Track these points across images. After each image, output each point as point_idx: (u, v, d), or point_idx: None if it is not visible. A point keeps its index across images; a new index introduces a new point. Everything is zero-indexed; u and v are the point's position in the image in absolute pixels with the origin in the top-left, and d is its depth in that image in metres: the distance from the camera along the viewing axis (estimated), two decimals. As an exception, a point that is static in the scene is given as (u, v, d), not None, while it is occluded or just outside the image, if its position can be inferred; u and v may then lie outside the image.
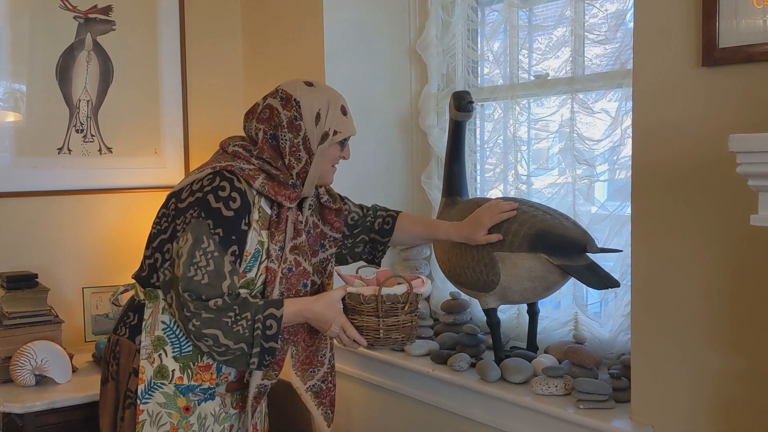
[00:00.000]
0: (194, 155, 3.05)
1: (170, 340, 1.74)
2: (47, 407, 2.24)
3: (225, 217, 1.66)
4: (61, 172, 2.77)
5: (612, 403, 1.87)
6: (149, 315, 1.75)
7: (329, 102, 1.78)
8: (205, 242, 1.64)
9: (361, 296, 1.73)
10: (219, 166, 1.72)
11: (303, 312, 1.72)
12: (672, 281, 1.68)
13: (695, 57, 1.60)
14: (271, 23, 2.94)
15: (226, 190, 1.68)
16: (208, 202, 1.66)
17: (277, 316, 1.66)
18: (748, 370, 1.56)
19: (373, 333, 1.74)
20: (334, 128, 1.77)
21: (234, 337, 1.63)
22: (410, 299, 1.75)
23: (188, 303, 1.62)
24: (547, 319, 2.27)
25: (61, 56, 2.76)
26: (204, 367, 1.75)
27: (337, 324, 1.73)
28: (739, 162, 1.18)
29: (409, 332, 1.77)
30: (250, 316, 1.63)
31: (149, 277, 1.77)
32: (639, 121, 1.73)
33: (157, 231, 1.76)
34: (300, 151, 1.75)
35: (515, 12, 2.38)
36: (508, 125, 2.39)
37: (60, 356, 2.38)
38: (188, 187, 1.72)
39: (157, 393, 1.73)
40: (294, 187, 1.76)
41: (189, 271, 1.62)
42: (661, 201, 1.69)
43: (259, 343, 1.64)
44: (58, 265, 2.75)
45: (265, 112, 1.79)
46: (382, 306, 1.72)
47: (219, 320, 1.62)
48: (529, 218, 1.97)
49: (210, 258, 1.63)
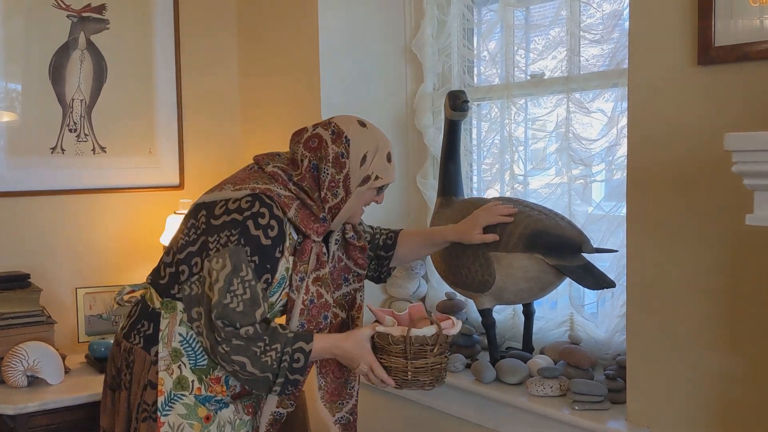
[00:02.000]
0: (189, 155, 3.04)
1: (186, 352, 1.73)
2: (39, 408, 2.23)
3: (263, 245, 1.66)
4: (54, 171, 2.75)
5: (607, 404, 1.86)
6: (165, 326, 1.74)
7: (378, 146, 1.78)
8: (243, 270, 1.64)
9: (390, 337, 1.71)
10: (258, 188, 1.70)
11: (332, 349, 1.72)
12: (668, 281, 1.67)
13: (691, 56, 1.59)
14: (267, 22, 2.93)
15: (266, 218, 1.67)
16: (247, 228, 1.66)
17: (305, 350, 1.66)
18: (745, 370, 1.55)
19: (401, 374, 1.72)
20: (377, 173, 1.77)
21: (260, 367, 1.64)
22: (440, 341, 1.72)
23: (220, 330, 1.62)
24: (543, 320, 2.26)
25: (54, 55, 2.74)
26: (215, 380, 1.75)
27: (365, 363, 1.73)
28: (735, 161, 1.17)
29: (437, 374, 1.75)
30: (280, 348, 1.64)
31: (169, 287, 1.75)
32: (634, 121, 1.72)
33: (185, 242, 1.73)
34: (338, 188, 1.75)
35: (511, 11, 2.37)
36: (505, 125, 2.39)
37: (52, 357, 2.37)
38: (223, 204, 1.69)
39: (177, 404, 1.72)
40: (323, 221, 1.76)
41: (225, 298, 1.62)
42: (657, 201, 1.68)
43: (285, 374, 1.65)
44: (50, 266, 2.73)
45: (314, 141, 1.77)
46: (411, 348, 1.70)
47: (248, 348, 1.62)
48: (525, 218, 1.96)
49: (247, 286, 1.64)
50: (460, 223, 2.01)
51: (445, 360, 1.76)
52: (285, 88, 2.81)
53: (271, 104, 2.93)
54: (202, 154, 3.06)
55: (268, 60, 2.92)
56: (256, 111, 3.03)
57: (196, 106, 3.04)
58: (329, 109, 2.61)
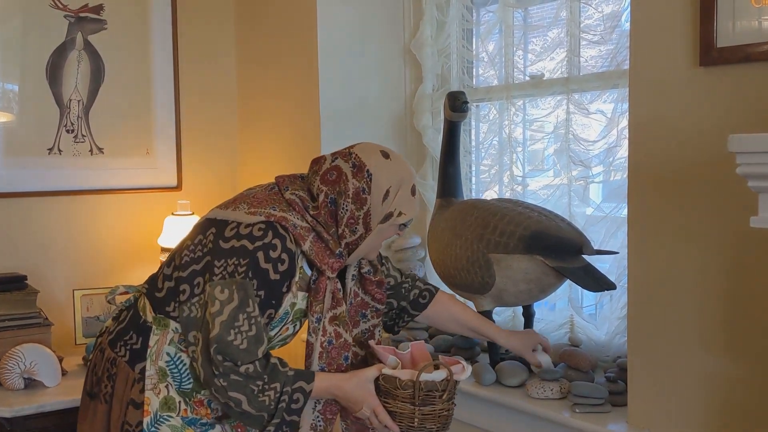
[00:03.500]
0: (187, 156, 3.02)
1: (172, 373, 1.64)
2: (36, 411, 2.21)
3: (271, 280, 1.57)
4: (51, 172, 2.74)
5: (608, 407, 1.85)
6: (155, 343, 1.65)
7: (402, 181, 1.65)
8: (250, 306, 1.55)
9: (398, 380, 1.60)
10: (274, 216, 1.60)
11: (332, 389, 1.62)
12: (669, 283, 1.66)
13: (693, 56, 1.58)
14: (265, 24, 2.92)
15: (277, 250, 1.57)
16: (257, 260, 1.56)
17: (306, 390, 1.57)
18: (747, 373, 1.54)
19: (407, 420, 1.62)
20: (400, 209, 1.65)
21: (257, 406, 1.55)
22: (449, 387, 1.62)
23: (219, 364, 1.54)
24: (543, 322, 2.25)
25: (51, 56, 2.73)
26: (198, 402, 1.66)
27: (368, 407, 1.62)
28: (739, 162, 1.16)
29: (445, 421, 1.65)
30: (279, 387, 1.55)
31: (165, 304, 1.65)
32: (636, 121, 1.71)
33: (189, 258, 1.63)
34: (358, 225, 1.63)
35: (510, 12, 2.36)
36: (504, 126, 2.38)
37: (49, 359, 2.36)
38: (234, 226, 1.59)
39: (163, 426, 1.63)
40: (339, 257, 1.64)
41: (228, 335, 1.53)
42: (658, 202, 1.68)
43: (281, 415, 1.56)
44: (47, 267, 2.72)
45: (332, 173, 1.64)
46: (420, 393, 1.60)
47: (246, 386, 1.54)
48: (525, 219, 1.95)
49: (253, 323, 1.55)
50: (515, 333, 1.94)
51: (452, 406, 1.67)
52: (284, 89, 2.80)
53: (269, 107, 2.92)
54: (200, 155, 3.04)
55: (267, 62, 2.91)
56: (255, 113, 3.02)
57: (193, 107, 3.03)
58: (328, 111, 2.61)
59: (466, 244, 2.03)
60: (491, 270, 1.97)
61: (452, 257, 2.08)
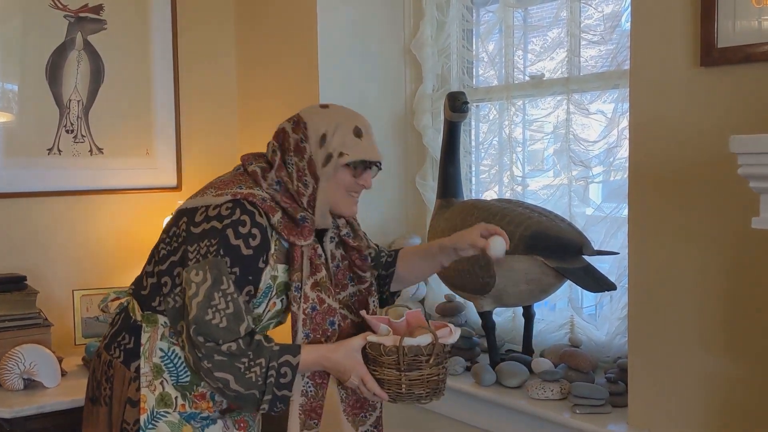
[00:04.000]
0: (187, 156, 3.02)
1: (168, 368, 1.64)
2: (36, 412, 2.20)
3: (244, 255, 1.56)
4: (51, 173, 2.73)
5: (609, 408, 1.85)
6: (147, 340, 1.65)
7: (339, 124, 1.64)
8: (224, 283, 1.55)
9: (382, 347, 1.58)
10: (240, 193, 1.60)
11: (321, 361, 1.61)
12: (670, 284, 1.66)
13: (693, 57, 1.58)
14: (265, 24, 2.91)
15: (247, 226, 1.57)
16: (227, 238, 1.56)
17: (292, 364, 1.56)
18: (747, 374, 1.54)
19: (395, 387, 1.60)
20: (340, 150, 1.63)
21: (245, 384, 1.55)
22: (435, 351, 1.59)
23: (200, 346, 1.54)
24: (543, 322, 2.25)
25: (51, 56, 2.72)
26: (199, 396, 1.66)
27: (356, 375, 1.60)
28: (741, 163, 1.16)
29: (435, 387, 1.62)
30: (264, 363, 1.55)
31: (150, 300, 1.67)
32: (636, 122, 1.71)
33: (167, 251, 1.65)
34: (306, 176, 1.64)
35: (510, 12, 2.36)
36: (504, 126, 2.38)
37: (49, 360, 2.35)
38: (203, 211, 1.60)
39: (161, 423, 1.63)
40: (303, 222, 1.63)
41: (206, 314, 1.53)
42: (658, 202, 1.67)
43: (272, 390, 1.55)
44: (47, 268, 2.71)
45: (279, 136, 1.69)
46: (404, 359, 1.57)
47: (232, 365, 1.54)
48: (525, 220, 1.95)
49: (229, 300, 1.55)
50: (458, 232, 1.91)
51: (443, 371, 1.63)
52: (283, 90, 2.79)
53: (269, 107, 2.91)
54: (200, 155, 3.04)
55: (267, 61, 2.90)
56: (255, 113, 3.02)
57: (193, 107, 3.02)
58: (328, 110, 2.60)
59: (467, 245, 2.03)
60: (491, 270, 1.97)
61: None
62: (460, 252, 1.74)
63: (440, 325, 1.66)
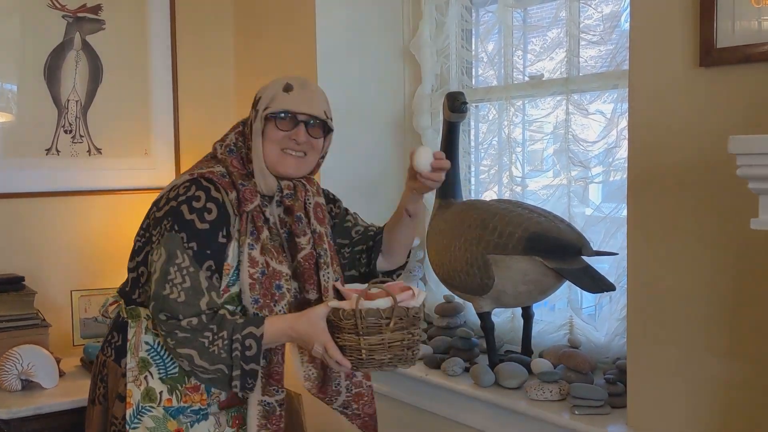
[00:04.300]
0: (185, 156, 3.01)
1: (155, 361, 1.64)
2: (33, 413, 2.20)
3: (199, 230, 1.56)
4: (49, 173, 2.73)
5: (608, 409, 1.84)
6: (132, 335, 1.67)
7: (274, 82, 1.67)
8: (179, 257, 1.54)
9: (341, 311, 1.53)
10: (198, 172, 1.63)
11: (287, 330, 1.58)
12: (668, 284, 1.65)
13: (693, 57, 1.58)
14: (264, 23, 2.91)
15: (201, 201, 1.58)
16: (181, 213, 1.57)
17: (256, 335, 1.53)
18: (747, 375, 1.54)
19: (356, 354, 1.54)
20: (265, 104, 1.64)
21: (209, 358, 1.53)
22: (395, 314, 1.52)
23: (162, 323, 1.54)
24: (542, 323, 2.25)
25: (49, 56, 2.72)
26: (192, 388, 1.65)
27: (319, 344, 1.55)
28: (740, 164, 1.16)
29: (399, 353, 1.54)
30: (227, 335, 1.52)
31: (131, 293, 1.69)
32: (635, 122, 1.71)
33: (142, 243, 1.68)
34: (249, 139, 1.69)
35: (509, 12, 2.35)
36: (503, 126, 2.37)
37: (47, 360, 2.35)
38: (165, 194, 1.63)
39: (146, 417, 1.63)
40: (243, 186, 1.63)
41: (164, 289, 1.54)
42: (658, 203, 1.67)
43: (239, 365, 1.53)
44: (45, 268, 2.71)
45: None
46: (363, 322, 1.51)
47: (195, 340, 1.53)
48: (524, 221, 1.94)
49: (186, 274, 1.54)
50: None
51: (408, 337, 1.55)
52: (282, 89, 2.79)
53: (268, 105, 2.91)
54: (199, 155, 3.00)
55: (266, 61, 2.90)
56: (253, 112, 3.01)
57: (192, 107, 3.02)
58: (327, 111, 2.60)
59: (465, 246, 2.03)
60: (490, 271, 1.97)
61: (451, 258, 2.08)
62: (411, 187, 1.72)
63: (404, 288, 1.59)
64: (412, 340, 1.57)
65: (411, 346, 1.57)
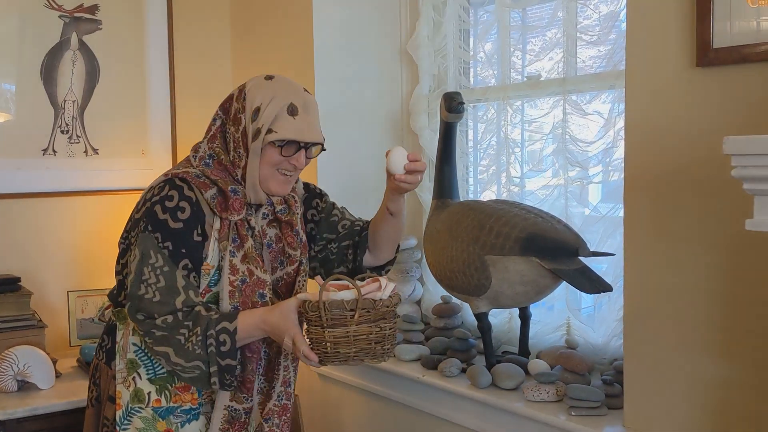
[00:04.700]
0: (182, 156, 2.97)
1: (143, 362, 1.65)
2: (29, 413, 2.20)
3: (173, 229, 1.56)
4: (45, 173, 2.72)
5: (604, 410, 1.84)
6: (120, 337, 1.67)
7: (274, 98, 1.60)
8: (152, 257, 1.54)
9: (307, 303, 1.51)
10: (173, 173, 1.63)
11: (260, 324, 1.56)
12: (666, 285, 1.65)
13: (689, 58, 1.57)
14: (261, 23, 2.90)
15: (174, 200, 1.58)
16: (155, 213, 1.57)
17: (230, 329, 1.52)
18: (744, 376, 1.53)
19: (321, 347, 1.51)
20: (268, 126, 1.59)
21: (185, 355, 1.52)
22: (360, 306, 1.49)
23: (139, 323, 1.54)
24: (540, 324, 2.24)
25: (46, 56, 2.72)
26: (182, 388, 1.65)
27: (289, 336, 1.53)
28: (734, 165, 1.15)
29: (365, 347, 1.51)
30: (200, 331, 1.51)
31: (118, 296, 1.70)
32: (632, 123, 1.70)
33: (125, 245, 1.68)
34: (240, 148, 1.62)
35: (507, 12, 2.35)
36: (501, 127, 2.37)
37: (43, 361, 2.34)
38: (143, 196, 1.64)
39: (135, 418, 1.64)
40: (234, 194, 1.62)
41: (139, 289, 1.54)
42: (655, 204, 1.66)
43: (215, 360, 1.52)
44: (42, 269, 2.70)
45: (226, 103, 1.69)
46: (327, 314, 1.48)
47: (171, 337, 1.52)
48: (521, 221, 1.94)
49: (160, 274, 1.54)
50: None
51: (377, 331, 1.51)
52: (279, 89, 2.78)
53: (265, 106, 2.90)
54: (196, 155, 3.02)
55: (263, 62, 2.89)
56: (251, 112, 3.01)
57: (189, 108, 3.01)
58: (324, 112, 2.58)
59: (462, 246, 2.02)
60: (487, 272, 1.96)
61: (448, 259, 2.07)
62: (389, 187, 1.73)
63: (372, 280, 1.56)
64: (380, 334, 1.52)
65: (380, 340, 1.53)
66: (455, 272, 2.05)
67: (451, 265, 2.06)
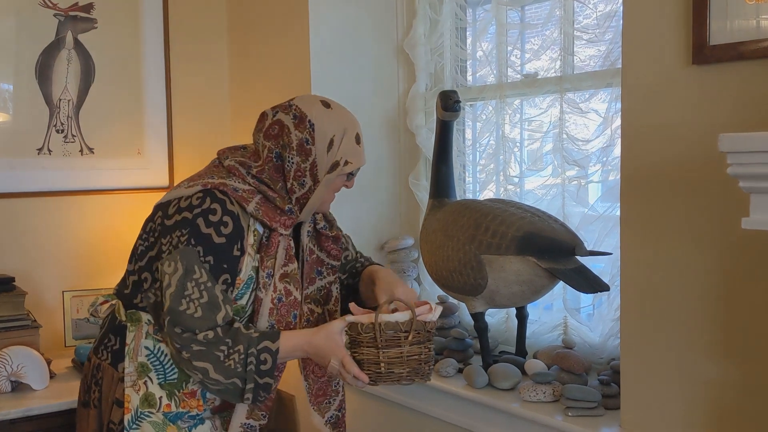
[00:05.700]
0: (179, 156, 3.00)
1: (154, 366, 1.64)
2: (23, 414, 2.18)
3: (216, 244, 1.55)
4: (40, 173, 2.71)
5: (601, 410, 1.83)
6: (131, 339, 1.65)
7: (345, 129, 1.64)
8: (196, 272, 1.53)
9: (360, 325, 1.56)
10: (211, 183, 1.59)
11: (303, 346, 1.58)
12: (662, 284, 1.64)
13: (685, 55, 1.56)
14: (257, 21, 2.89)
15: (218, 214, 1.56)
16: (198, 227, 1.55)
17: (272, 349, 1.53)
18: (741, 376, 1.52)
19: (374, 367, 1.56)
20: (346, 158, 1.64)
21: (224, 372, 1.52)
22: (414, 327, 1.56)
23: (177, 336, 1.53)
24: (537, 323, 2.23)
25: (40, 55, 2.70)
26: (189, 394, 1.65)
27: (336, 359, 1.56)
28: (730, 162, 1.14)
29: (417, 367, 1.58)
30: (243, 349, 1.52)
31: (132, 297, 1.67)
32: (628, 121, 1.69)
33: (144, 247, 1.65)
34: (305, 177, 1.63)
35: (504, 11, 2.34)
36: (499, 125, 2.36)
37: (37, 362, 2.33)
38: (176, 203, 1.59)
39: (144, 423, 1.62)
40: (290, 213, 1.64)
41: (180, 305, 1.52)
42: (652, 203, 1.65)
43: (253, 378, 1.53)
44: (36, 269, 2.69)
45: (274, 128, 1.64)
46: (382, 336, 1.54)
47: (210, 353, 1.52)
48: (517, 220, 1.93)
49: (203, 289, 1.53)
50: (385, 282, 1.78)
51: (426, 351, 1.59)
52: (275, 87, 2.77)
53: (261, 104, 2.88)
54: (192, 154, 3.01)
55: (259, 60, 2.88)
56: (247, 111, 2.99)
57: (185, 107, 3.00)
58: (320, 110, 2.58)
59: (458, 246, 2.01)
60: (483, 271, 1.95)
61: (444, 258, 2.06)
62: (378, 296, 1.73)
63: (421, 303, 1.63)
64: (428, 354, 1.61)
65: (428, 360, 1.61)
66: (452, 272, 2.04)
67: (447, 264, 2.05)
